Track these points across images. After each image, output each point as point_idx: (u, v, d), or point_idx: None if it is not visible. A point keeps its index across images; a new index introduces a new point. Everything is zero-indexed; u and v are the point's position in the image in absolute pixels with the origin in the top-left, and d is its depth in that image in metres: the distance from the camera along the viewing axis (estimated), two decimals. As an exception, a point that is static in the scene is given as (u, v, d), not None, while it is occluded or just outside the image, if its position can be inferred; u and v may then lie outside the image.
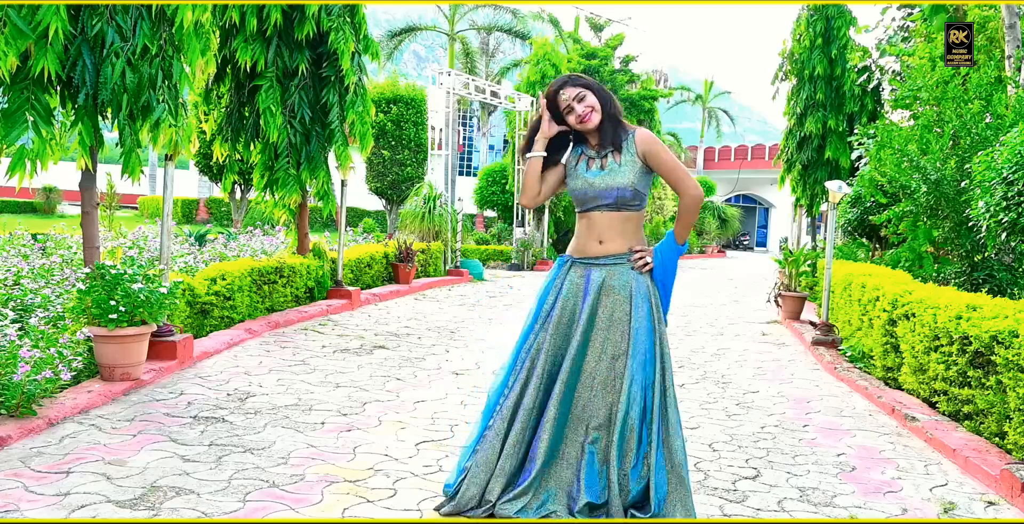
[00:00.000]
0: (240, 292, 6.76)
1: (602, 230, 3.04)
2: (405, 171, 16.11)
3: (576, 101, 3.00)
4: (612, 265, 3.04)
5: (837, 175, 13.76)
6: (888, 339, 5.81)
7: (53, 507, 2.92)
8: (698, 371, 6.28)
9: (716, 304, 11.63)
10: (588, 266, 3.07)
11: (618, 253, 3.04)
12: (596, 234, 3.05)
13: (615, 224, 3.03)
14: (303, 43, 7.38)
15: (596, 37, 23.93)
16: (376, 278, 10.61)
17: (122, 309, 4.59)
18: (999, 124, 6.67)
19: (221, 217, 26.58)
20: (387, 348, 6.50)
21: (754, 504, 3.37)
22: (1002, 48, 9.42)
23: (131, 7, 4.56)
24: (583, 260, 3.08)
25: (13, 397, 3.75)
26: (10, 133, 4.26)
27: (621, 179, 2.99)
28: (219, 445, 3.72)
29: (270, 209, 7.93)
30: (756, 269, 21.39)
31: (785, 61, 14.59)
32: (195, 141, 5.55)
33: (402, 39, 27.49)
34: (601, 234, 3.04)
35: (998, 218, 5.09)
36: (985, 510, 3.46)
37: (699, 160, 40.01)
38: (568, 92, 3.01)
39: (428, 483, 3.39)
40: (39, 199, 26.42)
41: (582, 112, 3.00)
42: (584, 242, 3.08)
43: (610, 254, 3.04)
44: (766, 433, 4.53)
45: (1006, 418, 4.02)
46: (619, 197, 3.00)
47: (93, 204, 5.20)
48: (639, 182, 3.01)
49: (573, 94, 3.01)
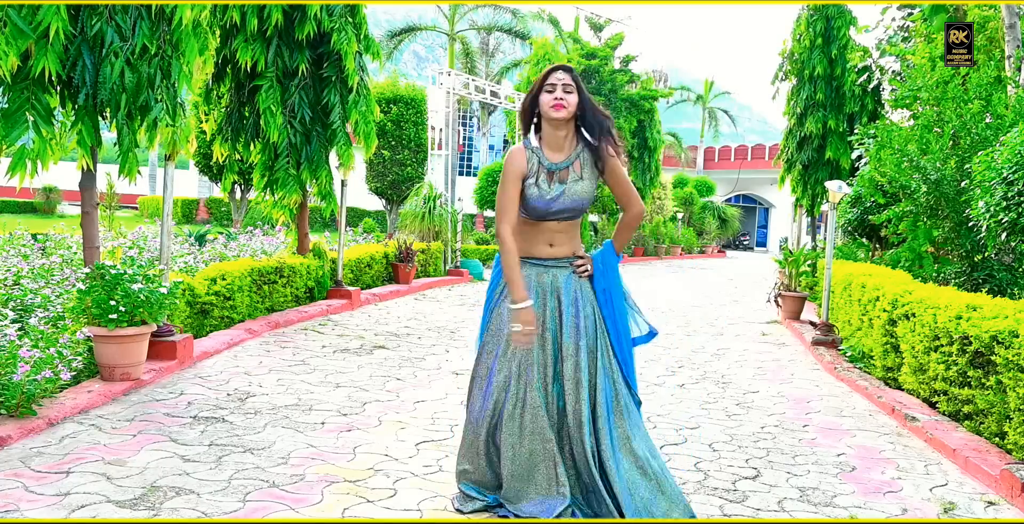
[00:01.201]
0: (240, 292, 6.76)
1: (553, 235, 3.08)
2: (405, 171, 16.10)
3: (563, 90, 2.98)
4: (558, 268, 3.09)
5: (838, 175, 13.75)
6: (888, 339, 5.81)
7: (53, 507, 2.92)
8: (698, 371, 6.28)
9: (716, 304, 11.63)
10: (535, 267, 3.09)
11: (565, 256, 3.10)
12: (547, 238, 3.09)
13: (567, 229, 3.10)
14: (303, 43, 7.38)
15: (596, 37, 23.91)
16: (376, 278, 10.61)
17: (122, 309, 4.59)
18: (999, 124, 6.67)
19: (221, 217, 26.57)
20: (387, 348, 6.50)
21: (754, 504, 3.37)
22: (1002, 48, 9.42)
23: (130, 7, 4.56)
24: (531, 260, 3.09)
25: (13, 397, 3.75)
26: (10, 133, 4.26)
27: (583, 192, 3.04)
28: (219, 445, 3.72)
29: (269, 209, 7.93)
30: (756, 269, 21.39)
31: (785, 61, 14.58)
32: (194, 141, 5.55)
33: (402, 39, 27.48)
34: (552, 239, 3.09)
35: (998, 218, 5.09)
36: (985, 510, 3.46)
37: (699, 160, 40.00)
38: (564, 76, 2.99)
39: (428, 483, 3.39)
40: (39, 199, 26.40)
41: (559, 97, 2.96)
42: (532, 244, 3.09)
43: (557, 257, 3.09)
44: (766, 433, 4.53)
45: (1006, 418, 4.02)
46: (580, 208, 3.06)
47: (93, 204, 5.20)
48: (594, 193, 3.09)
49: (567, 79, 2.99)
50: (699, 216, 30.01)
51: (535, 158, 3.05)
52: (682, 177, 30.75)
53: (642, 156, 21.42)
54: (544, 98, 2.99)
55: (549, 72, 3.02)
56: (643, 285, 14.24)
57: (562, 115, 2.96)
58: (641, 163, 21.40)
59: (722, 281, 16.56)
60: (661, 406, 5.03)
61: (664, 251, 23.83)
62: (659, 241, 23.79)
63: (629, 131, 20.92)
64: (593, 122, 3.03)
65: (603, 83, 21.07)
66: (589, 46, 22.04)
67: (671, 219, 26.05)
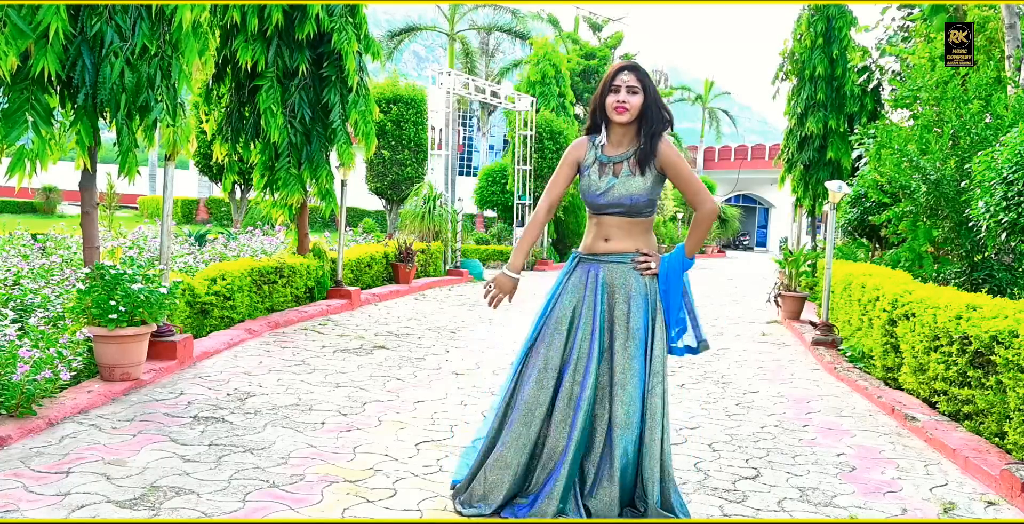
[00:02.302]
0: (240, 292, 6.76)
1: (610, 230, 3.07)
2: (405, 171, 16.10)
3: (628, 91, 2.96)
4: (615, 263, 3.06)
5: (838, 175, 13.75)
6: (888, 339, 5.81)
7: (53, 507, 2.92)
8: (698, 371, 6.28)
9: (716, 304, 11.63)
10: (592, 262, 3.09)
11: (623, 252, 3.06)
12: (603, 233, 3.08)
13: (623, 225, 3.06)
14: (304, 43, 7.38)
15: (596, 37, 23.93)
16: (376, 278, 10.61)
17: (122, 309, 4.59)
18: (999, 124, 6.67)
19: (221, 217, 26.58)
20: (387, 348, 6.50)
21: (754, 504, 3.37)
22: (1002, 48, 9.42)
23: (130, 7, 4.56)
24: (589, 257, 3.11)
25: (13, 397, 3.75)
26: (10, 133, 4.26)
27: (636, 188, 3.00)
28: (219, 445, 3.72)
29: (269, 209, 7.93)
30: (756, 269, 21.40)
31: (785, 61, 14.59)
32: (194, 141, 5.55)
33: (402, 39, 27.47)
34: (608, 233, 3.07)
35: (998, 218, 5.09)
36: (985, 510, 3.46)
37: (699, 160, 40.00)
38: (630, 77, 2.97)
39: (428, 483, 3.39)
40: (39, 199, 26.42)
41: (622, 100, 2.95)
42: (592, 240, 3.11)
43: (614, 252, 3.06)
44: (766, 433, 4.53)
45: (1006, 418, 4.02)
46: (632, 204, 3.01)
47: (93, 204, 5.20)
48: (653, 191, 3.03)
49: (632, 80, 2.97)
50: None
51: (594, 150, 3.08)
52: (682, 177, 30.70)
53: (642, 156, 21.38)
54: (608, 100, 2.99)
55: (615, 72, 3.00)
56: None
57: (624, 119, 2.97)
58: (641, 163, 21.37)
59: (722, 281, 16.56)
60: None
61: (664, 251, 23.81)
62: (659, 241, 23.73)
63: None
64: (652, 120, 2.99)
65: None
66: (588, 46, 22.09)
67: (671, 219, 26.06)
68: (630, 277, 3.04)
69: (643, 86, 2.97)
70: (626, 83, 2.96)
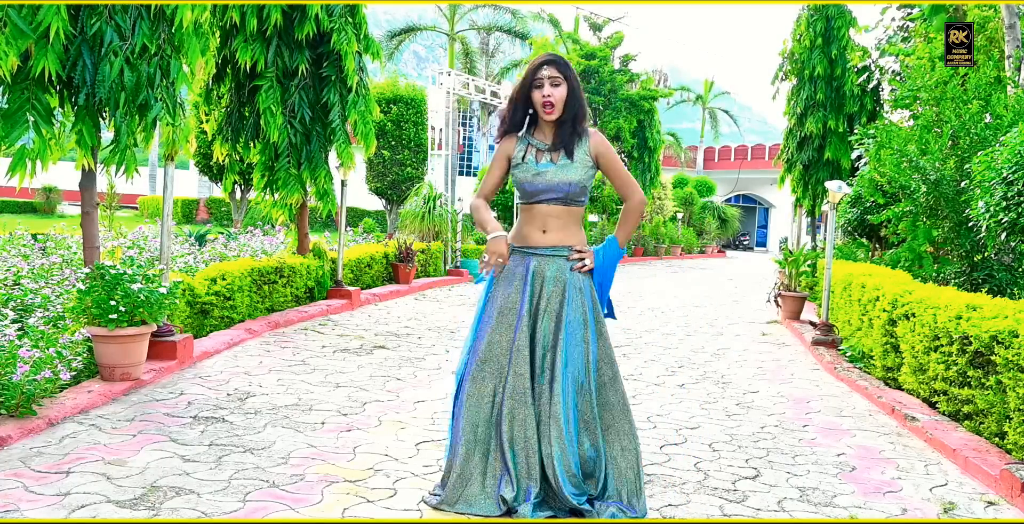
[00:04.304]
0: (240, 292, 6.76)
1: (547, 220, 3.09)
2: (405, 171, 16.11)
3: (551, 84, 3.00)
4: (551, 256, 3.09)
5: (838, 175, 13.75)
6: (888, 339, 5.82)
7: (53, 507, 2.92)
8: (698, 371, 6.28)
9: (716, 304, 11.63)
10: (527, 255, 3.11)
11: (559, 245, 3.09)
12: (540, 224, 3.09)
13: (561, 215, 3.09)
14: (303, 43, 7.38)
15: (596, 37, 23.90)
16: (376, 278, 10.61)
17: (122, 309, 4.59)
18: (998, 124, 6.66)
19: (221, 217, 26.57)
20: (387, 348, 6.50)
21: (754, 504, 3.37)
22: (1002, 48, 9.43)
23: (130, 7, 4.56)
24: (523, 249, 3.12)
25: (13, 397, 3.75)
26: (10, 133, 4.26)
27: (572, 175, 3.05)
28: (219, 445, 3.72)
29: (269, 209, 7.93)
30: (756, 269, 21.40)
31: (785, 61, 14.59)
32: (194, 141, 5.56)
33: (402, 39, 27.47)
34: (545, 224, 3.09)
35: (998, 218, 5.09)
36: (985, 510, 3.46)
37: (699, 160, 40.01)
38: (551, 70, 3.01)
39: (428, 483, 3.39)
40: (39, 199, 26.40)
41: (547, 94, 2.99)
42: (527, 231, 3.12)
43: (551, 245, 3.09)
44: (766, 433, 4.53)
45: (1006, 418, 4.02)
46: (569, 192, 3.05)
47: (93, 204, 5.20)
48: (587, 179, 3.09)
49: (554, 74, 3.01)
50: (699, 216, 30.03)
51: (527, 140, 3.12)
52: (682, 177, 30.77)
53: (642, 156, 21.41)
54: (535, 96, 3.03)
55: (536, 68, 3.04)
56: (643, 285, 14.24)
57: (552, 118, 3.04)
58: (641, 163, 21.39)
59: (722, 281, 16.56)
60: (661, 406, 5.03)
61: (664, 251, 23.84)
62: (659, 241, 23.80)
63: (629, 131, 20.91)
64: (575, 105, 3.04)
65: (603, 83, 21.06)
66: (589, 46, 22.03)
67: (671, 219, 26.06)
68: (565, 270, 3.07)
69: (564, 76, 3.02)
70: (548, 76, 3.00)
